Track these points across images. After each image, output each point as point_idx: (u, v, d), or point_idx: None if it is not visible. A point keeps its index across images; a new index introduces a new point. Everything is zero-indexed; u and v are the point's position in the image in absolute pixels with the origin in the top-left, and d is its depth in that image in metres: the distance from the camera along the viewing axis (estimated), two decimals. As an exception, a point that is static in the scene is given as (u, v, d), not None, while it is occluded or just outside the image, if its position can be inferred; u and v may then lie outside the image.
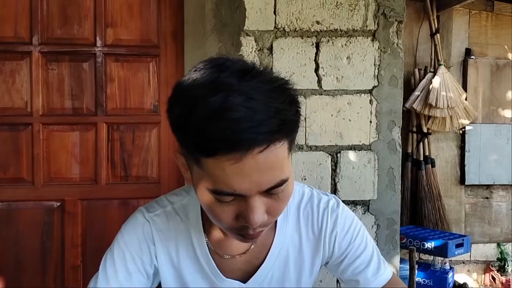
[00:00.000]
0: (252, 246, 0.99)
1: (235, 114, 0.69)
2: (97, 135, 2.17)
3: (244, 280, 0.99)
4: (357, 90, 2.14)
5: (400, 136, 2.18)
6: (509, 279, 3.47)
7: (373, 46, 2.14)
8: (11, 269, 2.16)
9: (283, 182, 0.77)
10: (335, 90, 2.13)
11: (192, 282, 0.99)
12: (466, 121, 3.62)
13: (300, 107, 0.78)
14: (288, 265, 1.01)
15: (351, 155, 2.16)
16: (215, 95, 0.71)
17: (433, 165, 3.67)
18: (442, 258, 3.42)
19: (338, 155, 2.16)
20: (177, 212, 1.00)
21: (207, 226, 0.98)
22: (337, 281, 2.16)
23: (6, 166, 2.14)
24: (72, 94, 2.16)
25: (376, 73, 2.14)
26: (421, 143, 3.65)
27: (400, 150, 2.19)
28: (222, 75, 0.74)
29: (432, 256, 3.44)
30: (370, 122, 2.15)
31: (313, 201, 1.03)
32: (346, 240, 1.02)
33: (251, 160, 0.72)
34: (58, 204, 2.17)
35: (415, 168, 3.68)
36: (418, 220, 3.69)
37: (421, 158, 3.65)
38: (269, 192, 0.77)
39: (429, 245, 3.30)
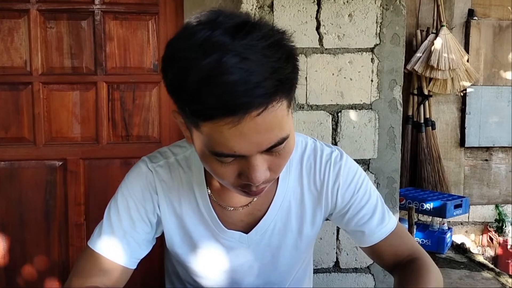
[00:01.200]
0: (255, 198, 1.00)
1: (229, 78, 0.67)
2: (97, 95, 2.16)
3: (246, 232, 1.01)
4: (359, 48, 2.12)
5: (401, 95, 2.17)
6: (507, 240, 3.53)
7: (375, 3, 2.10)
8: (15, 227, 2.19)
9: (283, 140, 0.76)
10: (337, 48, 2.11)
11: (195, 232, 1.01)
12: (467, 83, 3.61)
13: (297, 61, 0.76)
14: (290, 216, 1.02)
15: (352, 114, 2.16)
16: (209, 56, 0.68)
17: (433, 128, 3.67)
18: (441, 219, 3.46)
19: (339, 114, 2.15)
20: (179, 164, 1.00)
21: (209, 178, 0.99)
22: (337, 238, 2.19)
23: (7, 126, 2.14)
24: (71, 53, 2.15)
25: (378, 31, 2.12)
26: (422, 106, 3.64)
27: (401, 109, 2.19)
28: (214, 33, 0.70)
29: (431, 217, 3.49)
30: (372, 81, 2.14)
31: (316, 153, 1.03)
32: (349, 191, 1.02)
33: (250, 122, 0.71)
34: (60, 163, 2.18)
35: (415, 130, 3.69)
36: (417, 182, 3.71)
37: (422, 121, 3.65)
38: (270, 150, 0.77)
39: (428, 206, 3.34)
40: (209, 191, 0.99)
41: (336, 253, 2.22)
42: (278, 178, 1.00)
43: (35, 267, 2.22)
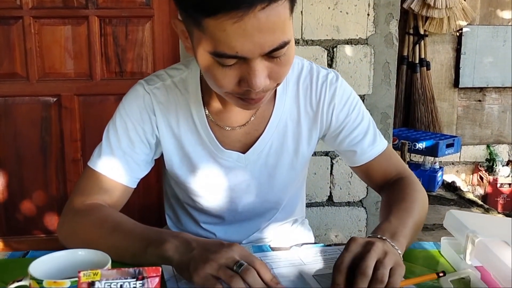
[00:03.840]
0: (252, 118, 1.01)
1: None
2: (89, 29, 2.12)
3: (244, 152, 1.02)
4: (355, -19, 2.08)
5: (397, 30, 2.15)
6: (496, 178, 3.60)
7: None
8: (12, 163, 2.21)
9: (285, 44, 0.77)
10: (333, -19, 2.07)
11: (193, 153, 1.02)
12: (463, 22, 3.57)
13: None
14: (286, 136, 1.03)
15: (348, 49, 2.14)
16: None
17: (428, 68, 3.67)
18: (433, 158, 3.52)
19: (335, 49, 2.14)
20: (176, 86, 1.01)
21: (206, 99, 1.00)
22: (331, 173, 2.23)
23: (-1, 61, 2.12)
24: (61, -14, 2.09)
25: (375, -37, 2.08)
26: (417, 46, 3.62)
27: (397, 44, 2.17)
28: None
29: (423, 157, 3.54)
30: (368, 14, 2.11)
31: (312, 74, 1.04)
32: (343, 112, 1.04)
33: (253, 19, 0.71)
34: (55, 99, 2.17)
35: (410, 71, 3.68)
36: (410, 122, 3.75)
37: (417, 61, 3.64)
38: (271, 55, 0.77)
39: (420, 145, 3.39)
40: (206, 111, 0.99)
41: (330, 187, 2.26)
42: (275, 99, 1.00)
43: (34, 203, 2.25)
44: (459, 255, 0.86)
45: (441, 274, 0.80)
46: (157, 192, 2.23)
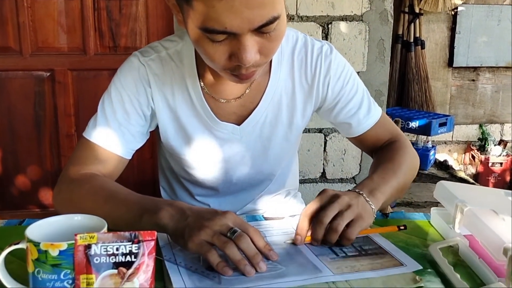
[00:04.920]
0: (247, 91, 1.01)
1: None
2: (82, 3, 2.10)
3: (239, 124, 1.03)
4: (351, -44, 2.07)
5: (392, 7, 2.15)
6: (488, 157, 3.63)
7: None
8: (6, 138, 2.20)
9: (274, 19, 0.76)
10: (329, -44, 2.05)
11: (188, 125, 1.03)
12: (459, 1, 3.56)
13: None
14: (281, 108, 1.04)
15: (342, 26, 2.14)
16: None
17: (422, 47, 3.66)
18: (425, 137, 3.54)
19: (329, 26, 2.13)
20: (171, 58, 1.00)
21: (201, 71, 1.00)
22: (324, 150, 2.25)
23: (-9, 35, 2.10)
24: (54, -42, 2.07)
25: None
26: (412, 24, 3.61)
27: (392, 21, 2.17)
28: None
29: (416, 136, 3.56)
30: (363, -9, 2.11)
31: (307, 47, 1.04)
32: (338, 85, 1.05)
33: None
34: (48, 74, 2.16)
35: (404, 50, 3.67)
36: (404, 102, 3.75)
37: (411, 40, 3.63)
38: (261, 30, 0.77)
39: (414, 124, 3.40)
40: (201, 84, 1.00)
41: (323, 164, 2.28)
42: (270, 71, 1.01)
43: (28, 178, 2.26)
44: (448, 225, 0.87)
45: (401, 227, 0.87)
46: (152, 168, 2.24)
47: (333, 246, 0.83)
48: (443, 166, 3.64)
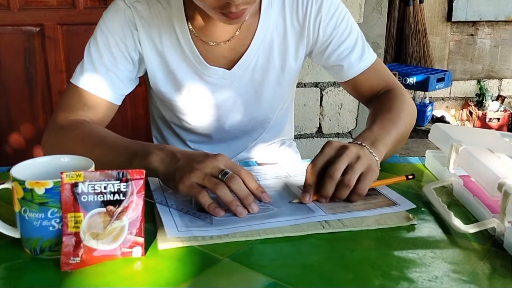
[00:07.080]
0: (237, 33, 0.98)
1: None
2: (70, -46, 2.04)
3: (229, 68, 1.00)
4: None
5: (390, -45, 2.09)
6: (486, 113, 3.62)
7: None
8: (-1, 95, 2.18)
9: None
10: None
11: (177, 70, 1.00)
12: (459, -48, 3.48)
13: None
14: (273, 51, 1.01)
15: (339, -24, 2.08)
16: None
17: (421, 1, 3.60)
18: (423, 93, 3.52)
19: (325, -24, 2.08)
20: (158, 0, 0.97)
21: (190, 13, 0.97)
22: (320, 104, 2.22)
23: (-23, -12, 2.04)
24: None
25: None
26: (411, -23, 3.54)
27: (389, -29, 2.11)
28: None
29: (413, 92, 3.54)
30: None
31: None
32: (330, 25, 1.01)
33: None
34: (37, 29, 2.11)
35: (402, 3, 3.61)
36: (402, 58, 3.71)
37: (410, -7, 3.56)
38: None
39: (411, 80, 3.37)
40: (190, 26, 0.97)
41: (319, 119, 2.27)
42: (260, 12, 0.98)
43: (21, 135, 2.24)
44: (443, 167, 0.86)
45: (410, 177, 0.82)
46: (146, 124, 2.22)
47: (341, 202, 0.76)
48: (440, 122, 3.63)
